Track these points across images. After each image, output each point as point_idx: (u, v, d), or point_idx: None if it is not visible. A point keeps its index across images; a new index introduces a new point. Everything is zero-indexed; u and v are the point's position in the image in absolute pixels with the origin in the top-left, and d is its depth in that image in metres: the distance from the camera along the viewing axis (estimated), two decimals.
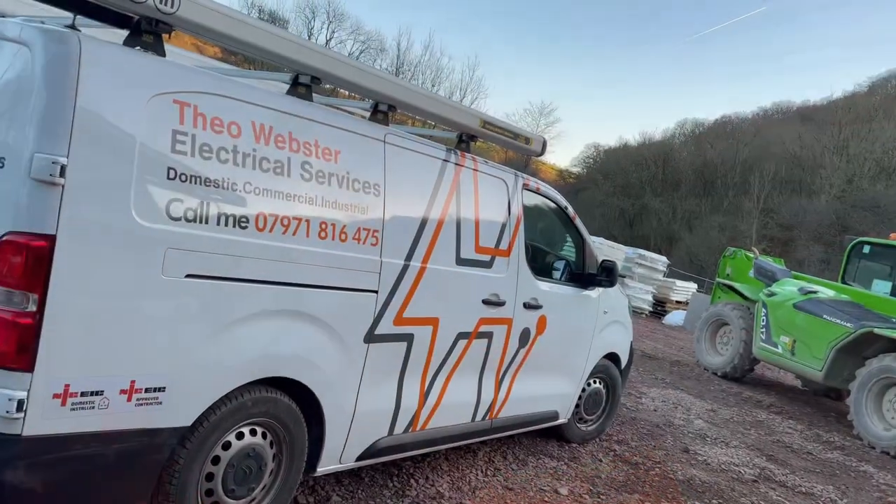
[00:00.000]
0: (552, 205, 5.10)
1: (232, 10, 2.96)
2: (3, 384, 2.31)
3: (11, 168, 2.36)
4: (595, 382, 5.76)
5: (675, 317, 20.11)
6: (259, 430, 3.14)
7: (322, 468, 3.48)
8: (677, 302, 21.55)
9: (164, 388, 2.68)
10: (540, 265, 5.09)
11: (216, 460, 2.98)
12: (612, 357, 5.85)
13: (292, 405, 3.23)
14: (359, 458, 3.68)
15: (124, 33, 2.70)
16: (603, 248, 18.94)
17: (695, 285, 24.13)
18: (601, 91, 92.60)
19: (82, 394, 2.46)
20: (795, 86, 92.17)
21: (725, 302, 11.92)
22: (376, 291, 3.52)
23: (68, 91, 2.36)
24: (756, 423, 8.34)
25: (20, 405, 2.32)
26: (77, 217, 2.38)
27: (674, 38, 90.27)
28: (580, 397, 5.59)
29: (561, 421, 5.40)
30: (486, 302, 4.24)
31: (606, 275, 5.24)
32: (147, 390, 2.64)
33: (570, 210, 5.24)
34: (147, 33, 2.68)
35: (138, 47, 2.67)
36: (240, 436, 3.06)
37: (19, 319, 2.31)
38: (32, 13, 3.14)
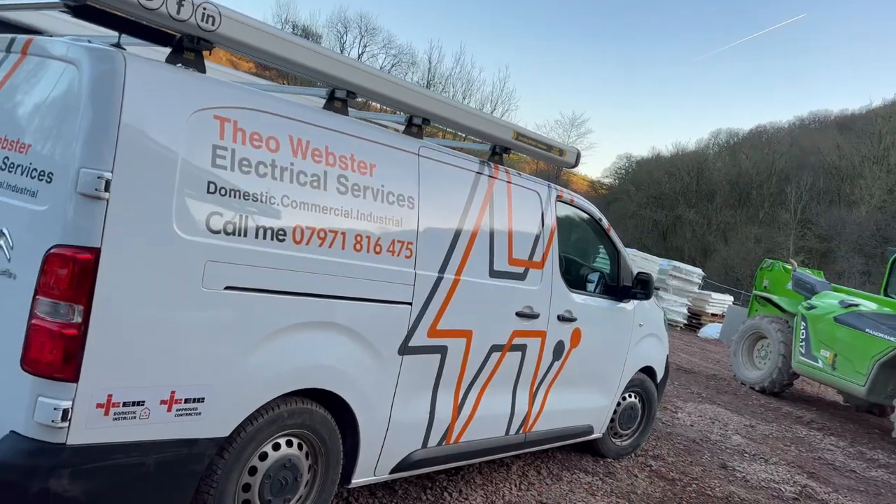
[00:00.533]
0: (586, 216, 5.07)
1: (270, 26, 3.02)
2: (49, 394, 2.36)
3: (59, 183, 2.43)
4: (630, 396, 5.69)
5: (710, 330, 19.79)
6: (295, 441, 3.16)
7: (357, 480, 3.48)
8: (713, 314, 21.21)
9: (203, 398, 2.72)
10: (574, 277, 5.06)
11: (253, 471, 3.01)
12: (648, 371, 5.77)
13: (328, 416, 3.24)
14: (393, 471, 3.68)
15: (167, 51, 2.76)
16: (636, 260, 18.75)
17: (731, 298, 23.73)
18: (633, 101, 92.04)
19: (124, 404, 2.51)
20: (833, 94, 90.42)
21: (763, 315, 11.69)
22: (410, 303, 3.53)
23: (113, 108, 2.42)
24: (796, 440, 8.14)
25: (65, 414, 2.37)
26: (121, 230, 2.43)
27: (707, 48, 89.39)
28: (615, 411, 5.52)
29: (595, 435, 5.33)
30: (519, 314, 4.22)
31: (642, 287, 5.19)
32: (186, 401, 2.67)
33: (605, 222, 5.20)
34: (189, 50, 2.74)
35: (180, 64, 2.73)
36: (276, 447, 3.08)
37: (65, 330, 2.36)
38: (79, 32, 3.23)
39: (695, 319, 21.15)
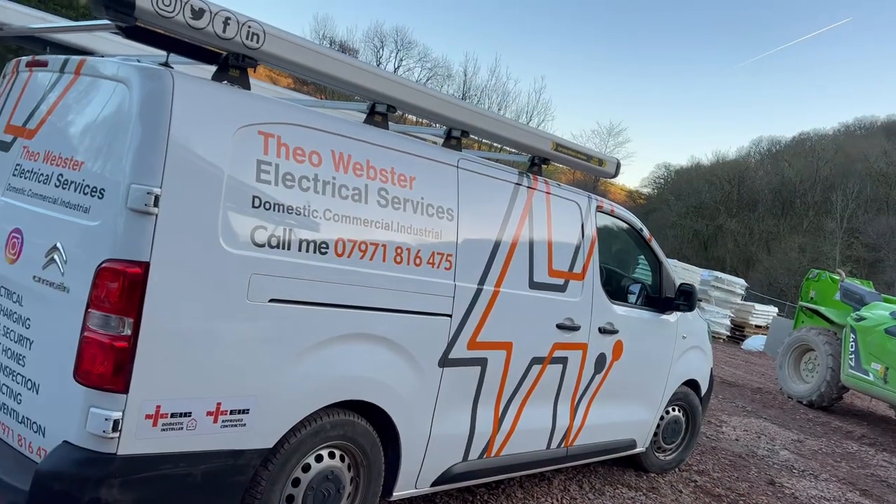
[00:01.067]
0: (627, 227, 5.02)
1: (312, 43, 3.07)
2: (101, 405, 2.42)
3: (110, 199, 2.50)
4: (674, 410, 5.58)
5: (754, 342, 19.35)
6: (337, 452, 3.18)
7: (398, 493, 3.48)
8: (757, 326, 20.76)
9: (248, 410, 2.75)
10: (615, 289, 5.00)
11: (296, 482, 3.03)
12: (692, 384, 5.66)
13: (369, 428, 3.25)
14: (434, 484, 3.66)
15: (213, 68, 2.82)
16: (677, 271, 18.45)
17: (775, 309, 23.21)
18: (671, 110, 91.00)
19: (172, 415, 2.55)
20: (880, 100, 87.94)
21: (810, 327, 11.39)
22: (450, 315, 3.53)
23: (162, 125, 2.49)
24: (847, 455, 7.89)
25: (116, 425, 2.42)
26: (169, 244, 2.49)
27: (747, 55, 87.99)
28: (658, 425, 5.42)
29: (638, 450, 5.24)
30: (560, 326, 4.19)
31: (685, 299, 5.10)
32: (232, 412, 2.71)
33: (646, 232, 5.13)
34: (234, 68, 2.80)
35: (225, 81, 2.79)
36: (319, 458, 3.10)
37: (116, 343, 2.42)
38: (128, 53, 3.33)
39: (738, 331, 20.71)
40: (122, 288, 2.41)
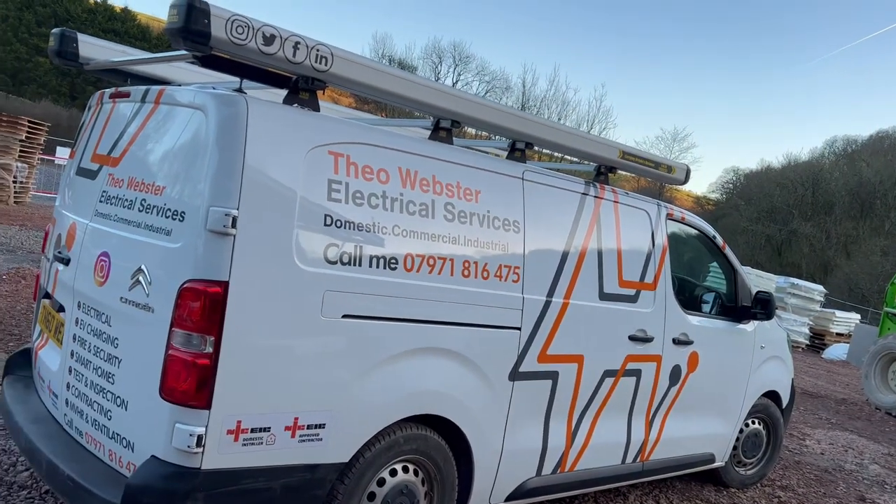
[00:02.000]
0: (699, 234, 4.89)
1: (377, 63, 3.12)
2: (185, 420, 2.50)
3: (190, 221, 2.59)
4: (754, 423, 5.37)
5: (835, 350, 18.50)
6: (411, 467, 3.19)
7: None
8: (838, 334, 19.84)
9: (324, 424, 2.80)
10: (689, 298, 4.87)
11: (372, 497, 3.05)
12: (772, 395, 5.44)
13: (442, 443, 3.25)
14: (507, 499, 3.63)
15: (283, 92, 2.91)
16: (751, 278, 17.85)
17: (857, 316, 22.12)
18: (739, 112, 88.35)
19: (252, 430, 2.62)
20: None
21: None
22: (519, 328, 3.51)
23: (238, 149, 2.57)
24: None
25: (199, 440, 2.49)
26: (247, 264, 2.56)
27: (817, 52, 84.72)
28: (738, 439, 5.23)
29: (717, 464, 5.07)
30: (632, 338, 4.10)
31: (762, 307, 4.92)
32: (309, 427, 2.76)
33: (719, 239, 4.98)
34: (304, 91, 2.87)
35: (296, 104, 2.87)
36: (393, 472, 3.12)
37: (198, 360, 2.50)
38: (204, 80, 3.46)
39: (818, 340, 19.84)
40: (204, 307, 2.49)
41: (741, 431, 5.25)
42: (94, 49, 3.59)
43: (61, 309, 3.25)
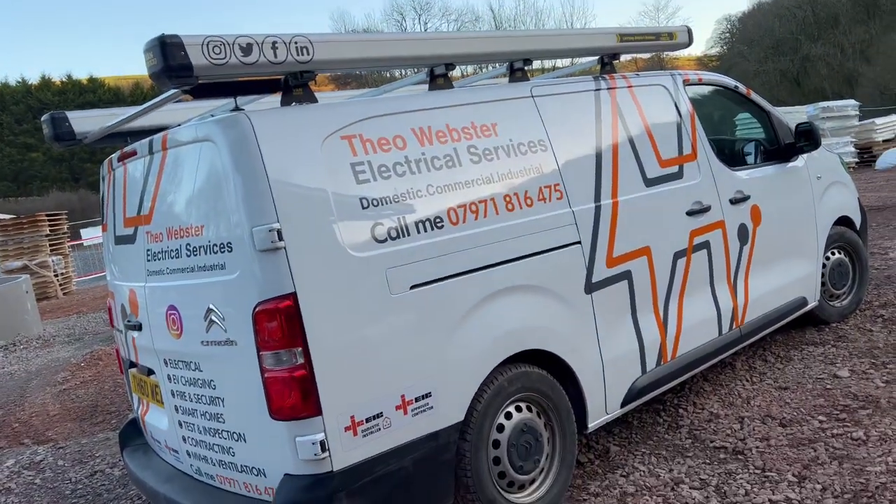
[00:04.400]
0: (721, 89, 4.74)
1: (355, 35, 3.07)
2: (303, 432, 2.57)
3: (239, 248, 2.62)
4: (835, 254, 5.28)
5: (888, 158, 17.99)
6: (523, 405, 3.23)
7: (593, 423, 3.50)
8: (885, 141, 19.23)
9: (430, 393, 2.85)
10: (731, 155, 4.77)
11: (496, 444, 3.10)
12: (844, 221, 5.32)
13: (543, 373, 3.28)
14: (623, 404, 3.66)
15: (278, 96, 2.89)
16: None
17: None
18: None
19: (367, 420, 2.68)
20: None
21: None
22: (579, 242, 3.48)
23: (256, 165, 2.57)
24: None
25: (323, 445, 2.56)
26: (305, 269, 2.58)
27: None
28: (823, 274, 5.15)
29: (811, 305, 5.00)
30: (690, 213, 4.04)
31: (806, 138, 4.79)
32: (417, 399, 2.81)
33: (742, 87, 4.83)
34: (296, 87, 2.85)
35: (294, 103, 2.85)
36: (508, 416, 3.16)
37: (295, 373, 2.55)
38: (199, 112, 3.46)
39: (866, 154, 19.28)
40: (281, 323, 2.53)
41: (824, 266, 5.16)
42: (87, 121, 3.61)
43: (150, 372, 3.35)
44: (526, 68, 3.75)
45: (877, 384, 4.14)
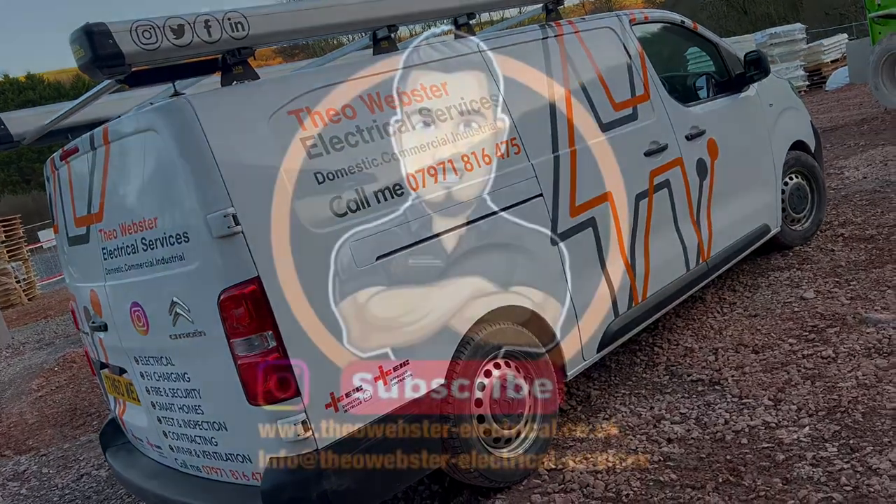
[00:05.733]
0: (668, 25, 4.72)
1: (291, 4, 2.97)
2: (283, 415, 2.55)
3: (196, 237, 2.56)
4: (792, 178, 5.35)
5: (837, 78, 18.25)
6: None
7: (572, 372, 3.54)
8: (833, 62, 19.48)
9: (408, 360, 2.84)
10: (683, 92, 4.77)
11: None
12: (799, 146, 5.39)
13: (518, 328, 3.28)
14: (599, 349, 3.70)
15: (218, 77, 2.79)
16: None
17: (844, 36, 21.61)
18: None
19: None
20: None
21: (891, 34, 10.55)
22: (541, 194, 3.47)
23: (203, 149, 2.49)
24: None
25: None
26: (265, 251, 2.53)
27: None
28: (783, 200, 5.23)
29: (774, 231, 5.09)
30: (648, 153, 4.04)
31: (755, 66, 4.81)
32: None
33: (688, 22, 4.81)
34: (235, 65, 2.75)
35: (234, 81, 2.76)
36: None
37: (268, 358, 2.52)
38: (136, 104, 3.34)
39: (816, 76, 19.52)
40: (248, 309, 2.49)
41: (783, 192, 5.24)
42: (22, 122, 3.47)
43: (122, 371, 3.29)
44: (472, 23, 3.68)
45: (842, 301, 4.25)
